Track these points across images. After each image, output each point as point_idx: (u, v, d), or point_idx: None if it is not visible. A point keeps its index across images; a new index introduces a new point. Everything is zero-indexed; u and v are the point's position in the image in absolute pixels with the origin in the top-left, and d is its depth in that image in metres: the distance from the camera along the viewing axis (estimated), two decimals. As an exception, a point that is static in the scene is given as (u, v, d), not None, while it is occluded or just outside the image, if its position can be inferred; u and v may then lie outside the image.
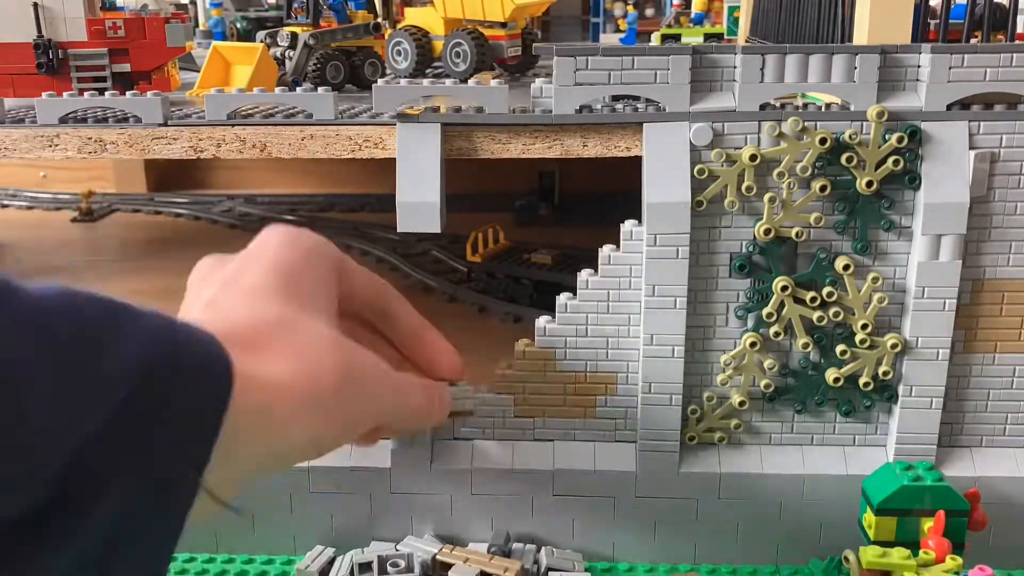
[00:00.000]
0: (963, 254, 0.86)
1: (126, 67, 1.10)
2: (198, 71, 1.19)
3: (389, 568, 0.89)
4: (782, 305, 0.88)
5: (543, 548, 0.94)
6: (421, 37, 1.24)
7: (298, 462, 0.37)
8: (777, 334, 0.89)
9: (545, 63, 1.39)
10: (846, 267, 0.87)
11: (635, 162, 0.88)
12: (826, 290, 0.88)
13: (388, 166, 0.89)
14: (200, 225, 2.06)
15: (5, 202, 2.20)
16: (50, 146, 0.92)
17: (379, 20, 1.37)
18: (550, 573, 0.91)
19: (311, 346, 0.35)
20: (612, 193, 1.12)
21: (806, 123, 0.85)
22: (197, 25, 2.00)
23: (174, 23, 1.12)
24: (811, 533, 0.94)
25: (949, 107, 0.85)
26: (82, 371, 0.26)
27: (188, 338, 0.30)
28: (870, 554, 0.82)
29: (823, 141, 0.84)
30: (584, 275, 0.91)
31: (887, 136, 0.84)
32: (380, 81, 0.93)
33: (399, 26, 1.29)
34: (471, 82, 0.95)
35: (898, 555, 0.82)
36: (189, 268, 0.49)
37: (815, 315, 0.88)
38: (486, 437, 0.96)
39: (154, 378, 0.28)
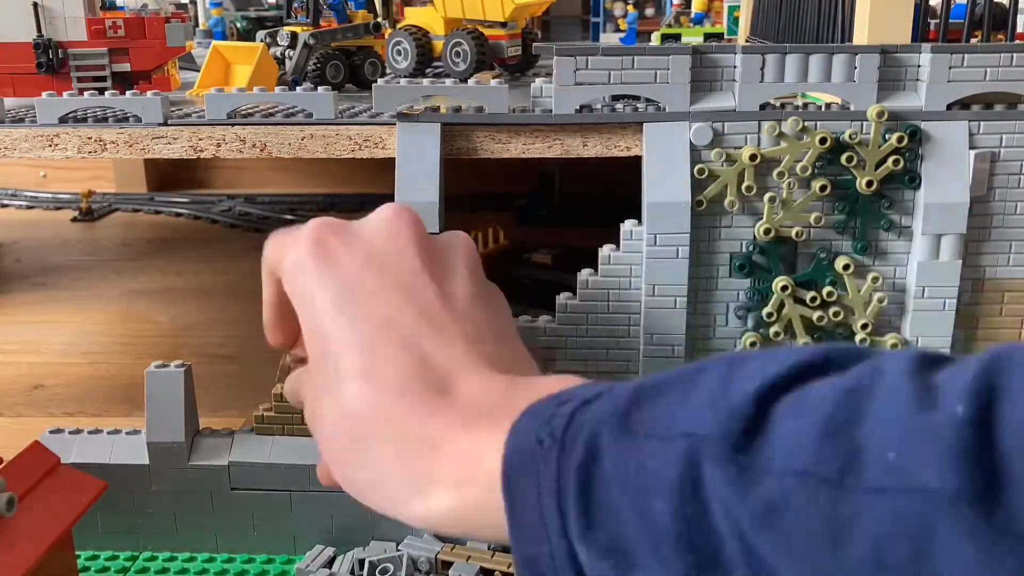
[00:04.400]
0: (963, 254, 0.86)
1: (126, 67, 1.10)
2: (198, 71, 1.19)
3: (390, 566, 0.89)
4: (782, 305, 0.88)
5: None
6: (421, 37, 1.24)
7: None
8: (777, 334, 0.89)
9: (545, 63, 1.39)
10: (846, 267, 0.87)
11: (635, 162, 0.88)
12: (826, 290, 0.88)
13: (388, 166, 0.89)
14: (200, 225, 2.06)
15: (5, 202, 2.20)
16: (50, 146, 0.92)
17: (379, 20, 1.37)
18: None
19: None
20: (612, 193, 1.12)
21: (806, 123, 0.85)
22: (197, 25, 1.99)
23: (174, 23, 1.11)
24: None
25: (949, 107, 0.85)
26: None
27: None
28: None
29: (823, 141, 0.84)
30: (584, 275, 0.91)
31: (887, 136, 0.84)
32: (380, 81, 0.93)
33: (399, 26, 1.29)
34: (471, 82, 0.95)
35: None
36: (189, 268, 0.50)
37: (815, 315, 0.88)
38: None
39: None
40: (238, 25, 1.53)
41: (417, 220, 0.46)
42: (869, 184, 0.85)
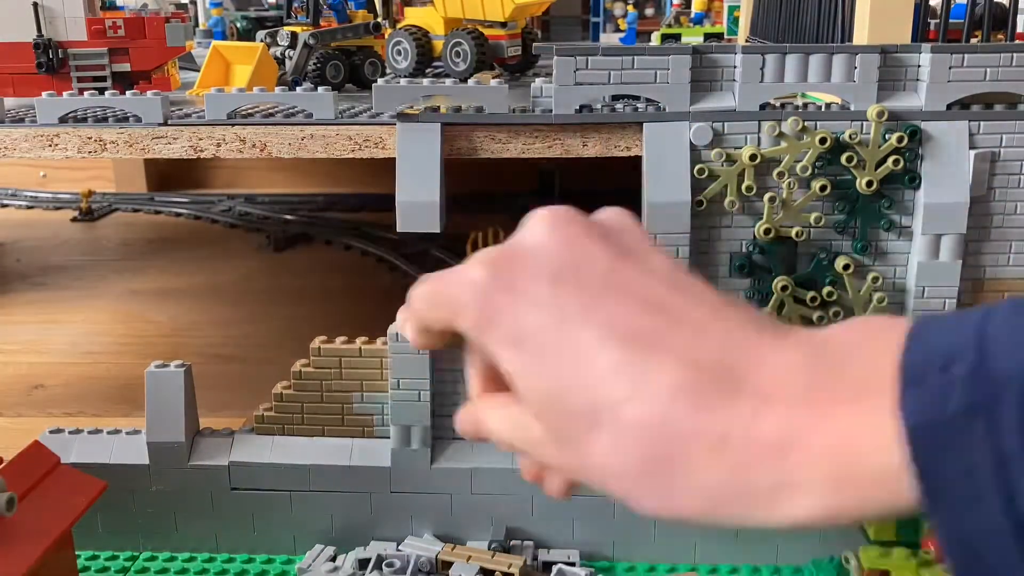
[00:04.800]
0: (963, 254, 0.86)
1: (126, 67, 1.10)
2: (198, 71, 1.19)
3: (396, 561, 0.89)
4: (782, 305, 0.88)
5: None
6: (421, 37, 1.24)
7: None
8: (777, 334, 0.89)
9: (545, 63, 1.39)
10: (846, 267, 0.87)
11: (635, 162, 0.88)
12: (826, 290, 0.88)
13: (388, 166, 0.89)
14: (200, 225, 2.06)
15: (5, 202, 2.21)
16: (50, 146, 0.92)
17: (379, 20, 1.37)
18: (553, 567, 0.91)
19: None
20: (612, 193, 1.12)
21: (806, 123, 0.85)
22: (197, 25, 2.00)
23: (174, 23, 1.11)
24: (811, 533, 0.94)
25: (949, 107, 0.85)
26: None
27: None
28: (870, 554, 0.82)
29: (823, 141, 0.84)
30: (584, 275, 0.91)
31: (887, 136, 0.84)
32: (380, 81, 0.93)
33: (399, 26, 1.29)
34: (471, 82, 0.95)
35: (898, 555, 0.82)
36: (189, 268, 0.49)
37: (815, 315, 0.88)
38: (486, 437, 0.96)
39: None
40: (238, 25, 1.53)
41: (575, 214, 0.40)
42: (869, 184, 0.85)
